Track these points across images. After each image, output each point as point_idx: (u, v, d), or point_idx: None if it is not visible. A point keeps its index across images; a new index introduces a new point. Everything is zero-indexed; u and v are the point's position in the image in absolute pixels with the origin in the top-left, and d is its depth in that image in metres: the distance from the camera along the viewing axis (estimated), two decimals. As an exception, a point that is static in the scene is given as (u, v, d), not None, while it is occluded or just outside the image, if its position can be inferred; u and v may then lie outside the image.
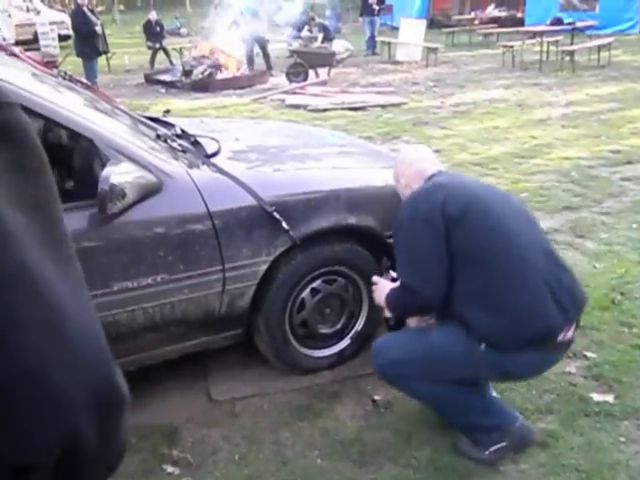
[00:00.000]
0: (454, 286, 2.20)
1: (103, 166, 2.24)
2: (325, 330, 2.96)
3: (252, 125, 4.41)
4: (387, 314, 2.54)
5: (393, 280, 2.47)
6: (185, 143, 2.89)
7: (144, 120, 3.17)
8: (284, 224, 2.58)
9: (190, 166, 2.60)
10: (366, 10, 16.73)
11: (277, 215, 2.57)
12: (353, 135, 7.87)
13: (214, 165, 2.69)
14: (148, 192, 2.35)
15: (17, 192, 0.54)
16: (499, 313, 2.15)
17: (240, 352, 2.97)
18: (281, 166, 2.99)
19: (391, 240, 2.76)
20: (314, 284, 2.85)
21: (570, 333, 2.23)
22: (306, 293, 2.84)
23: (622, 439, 2.49)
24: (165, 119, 3.59)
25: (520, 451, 2.38)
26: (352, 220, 2.80)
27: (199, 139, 3.06)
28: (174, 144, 2.74)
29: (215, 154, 2.85)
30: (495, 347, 2.15)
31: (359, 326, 3.04)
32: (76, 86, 3.11)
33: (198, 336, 2.67)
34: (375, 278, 2.61)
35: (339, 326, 3.00)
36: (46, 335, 0.51)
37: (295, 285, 2.77)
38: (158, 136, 2.78)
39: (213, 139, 3.02)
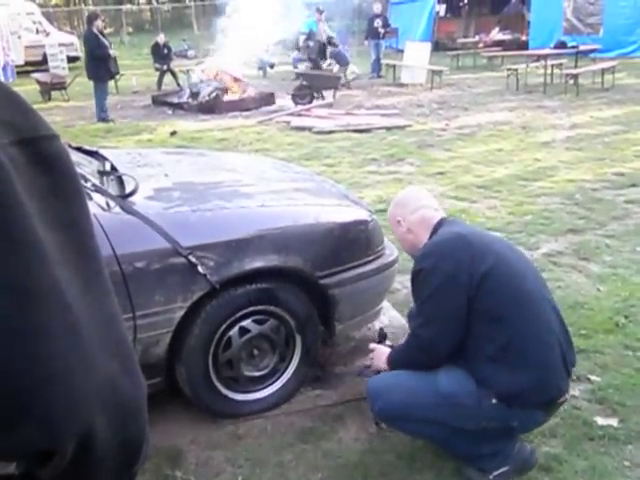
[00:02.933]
0: (470, 340, 2.22)
1: None
2: (252, 373, 2.82)
3: (192, 158, 4.14)
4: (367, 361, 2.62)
5: (391, 347, 2.55)
6: (100, 183, 2.75)
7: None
8: (200, 268, 2.45)
9: (101, 208, 2.47)
10: (371, 33, 16.89)
11: (193, 259, 2.44)
12: (355, 154, 7.95)
13: (127, 206, 2.54)
14: None
15: (52, 214, 0.61)
16: (522, 372, 2.17)
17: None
18: (204, 205, 2.78)
19: (324, 281, 2.78)
20: (243, 323, 2.71)
21: (565, 395, 2.31)
22: (233, 332, 2.70)
23: (626, 463, 2.48)
24: (101, 152, 3.41)
25: (524, 473, 2.38)
26: (278, 261, 2.67)
27: (122, 177, 2.92)
28: (87, 184, 2.55)
29: (132, 193, 2.68)
30: (507, 403, 2.17)
31: (290, 371, 2.91)
32: None
33: None
34: (372, 345, 2.65)
35: (267, 370, 2.85)
36: (69, 343, 0.58)
37: (218, 327, 2.64)
38: None
39: (131, 177, 2.84)
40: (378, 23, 16.56)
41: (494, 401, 2.18)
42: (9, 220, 0.55)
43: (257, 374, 2.84)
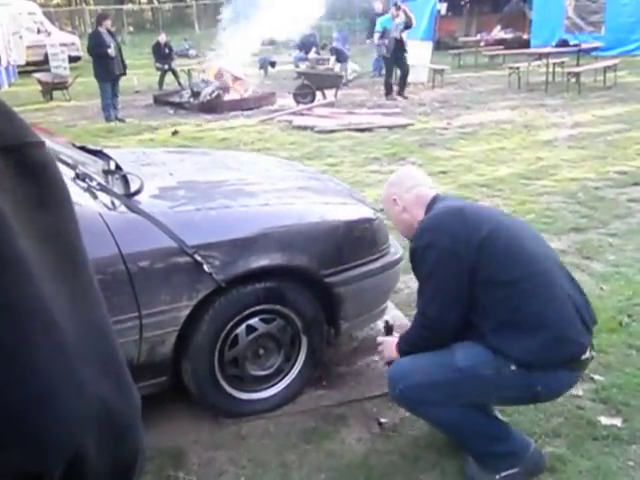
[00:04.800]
0: (479, 311, 2.21)
1: None
2: (257, 372, 2.81)
3: (196, 157, 4.13)
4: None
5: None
6: (105, 182, 2.74)
7: (74, 156, 3.00)
8: (206, 267, 2.45)
9: (106, 207, 2.48)
10: (374, 32, 16.87)
11: (198, 257, 2.44)
12: (357, 153, 7.95)
13: (133, 205, 2.55)
14: None
15: (38, 225, 0.59)
16: (534, 335, 2.14)
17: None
18: (208, 204, 2.79)
19: (329, 279, 2.78)
20: (250, 321, 2.71)
21: (589, 352, 2.24)
22: (240, 329, 2.70)
23: (630, 463, 2.47)
24: (105, 151, 3.42)
25: (532, 476, 2.36)
26: (283, 260, 2.67)
27: (127, 175, 2.93)
28: (92, 183, 2.57)
29: (137, 192, 2.68)
30: (527, 368, 2.14)
31: (295, 371, 2.91)
32: None
33: None
34: (380, 338, 2.64)
35: (272, 370, 2.85)
36: (56, 362, 0.56)
37: (224, 325, 2.64)
38: (77, 175, 2.58)
39: (137, 176, 2.83)
40: None
41: (513, 368, 2.14)
42: None
43: (262, 373, 2.83)
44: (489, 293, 2.20)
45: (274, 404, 2.86)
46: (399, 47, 12.63)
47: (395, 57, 12.69)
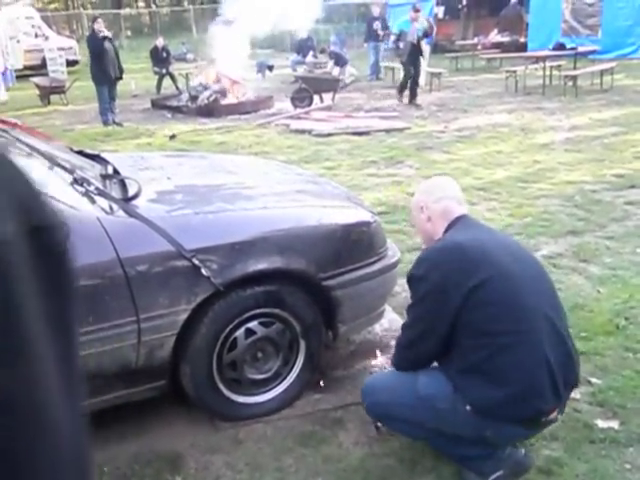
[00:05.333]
0: (456, 348, 2.24)
1: None
2: (255, 375, 2.82)
3: (194, 161, 4.13)
4: None
5: None
6: (103, 186, 2.75)
7: (72, 160, 3.01)
8: (204, 270, 2.46)
9: (104, 211, 2.49)
10: (371, 36, 16.91)
11: (196, 261, 2.45)
12: (354, 157, 7.95)
13: (131, 209, 2.55)
14: None
15: (46, 308, 0.58)
16: (497, 388, 2.17)
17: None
18: (206, 208, 2.79)
19: (327, 282, 2.80)
20: (249, 324, 2.72)
21: (554, 414, 2.27)
22: (239, 332, 2.71)
23: (627, 466, 2.47)
24: (103, 156, 3.42)
25: (520, 476, 2.37)
26: (281, 263, 2.68)
27: (125, 180, 2.94)
28: (90, 187, 2.58)
29: (135, 197, 2.69)
30: (481, 414, 2.19)
31: (293, 375, 2.91)
32: None
33: (116, 389, 2.52)
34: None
35: (270, 374, 2.85)
36: (48, 457, 0.57)
37: (223, 328, 2.65)
38: (75, 180, 2.60)
39: (134, 180, 2.85)
40: (377, 25, 16.59)
41: (468, 408, 2.20)
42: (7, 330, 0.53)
43: (260, 377, 2.84)
44: (467, 336, 2.22)
45: (271, 408, 2.85)
46: (414, 51, 12.25)
47: (411, 62, 12.24)
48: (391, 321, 3.57)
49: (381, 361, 3.25)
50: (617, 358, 3.19)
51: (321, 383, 3.02)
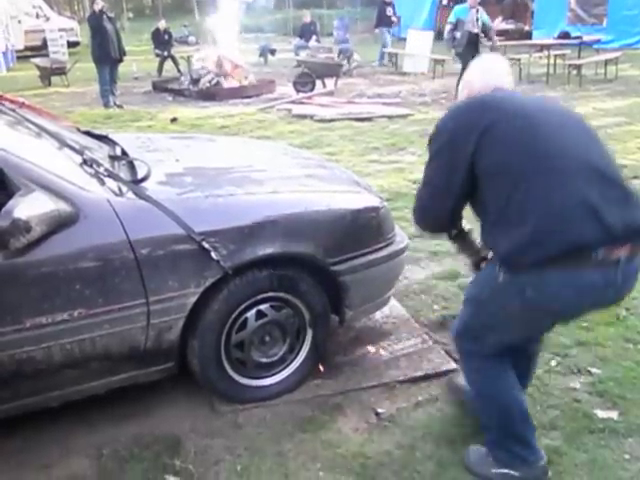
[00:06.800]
0: (482, 206, 2.15)
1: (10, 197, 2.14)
2: (260, 359, 2.83)
3: (202, 143, 4.11)
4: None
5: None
6: (112, 168, 2.74)
7: (80, 141, 2.99)
8: (213, 254, 2.46)
9: (114, 193, 2.48)
10: (383, 21, 16.70)
11: (206, 244, 2.45)
12: (356, 143, 7.92)
13: (140, 191, 2.55)
14: (60, 223, 2.24)
15: None
16: (518, 228, 1.98)
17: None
18: (216, 191, 2.77)
19: (335, 267, 2.79)
20: (261, 306, 2.73)
21: (619, 251, 1.97)
22: (251, 314, 2.72)
23: (626, 456, 2.47)
24: (110, 137, 3.41)
25: None
26: (290, 248, 2.68)
27: (135, 162, 2.92)
28: (100, 169, 2.58)
29: (144, 179, 2.68)
30: (511, 270, 2.03)
31: (297, 362, 2.92)
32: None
33: (124, 371, 2.54)
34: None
35: (275, 358, 2.86)
36: None
37: (234, 308, 2.66)
38: (85, 161, 2.60)
39: (144, 162, 2.84)
40: (390, 11, 16.41)
41: (501, 275, 2.06)
42: None
43: (265, 360, 2.85)
44: (485, 185, 2.08)
45: (272, 393, 2.86)
46: (474, 41, 11.26)
47: (469, 52, 10.52)
48: (392, 307, 3.56)
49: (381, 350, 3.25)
50: (617, 348, 3.19)
51: (321, 368, 3.02)
